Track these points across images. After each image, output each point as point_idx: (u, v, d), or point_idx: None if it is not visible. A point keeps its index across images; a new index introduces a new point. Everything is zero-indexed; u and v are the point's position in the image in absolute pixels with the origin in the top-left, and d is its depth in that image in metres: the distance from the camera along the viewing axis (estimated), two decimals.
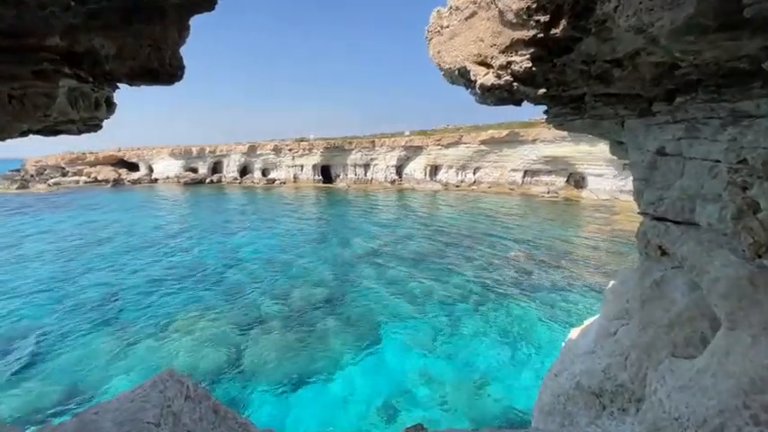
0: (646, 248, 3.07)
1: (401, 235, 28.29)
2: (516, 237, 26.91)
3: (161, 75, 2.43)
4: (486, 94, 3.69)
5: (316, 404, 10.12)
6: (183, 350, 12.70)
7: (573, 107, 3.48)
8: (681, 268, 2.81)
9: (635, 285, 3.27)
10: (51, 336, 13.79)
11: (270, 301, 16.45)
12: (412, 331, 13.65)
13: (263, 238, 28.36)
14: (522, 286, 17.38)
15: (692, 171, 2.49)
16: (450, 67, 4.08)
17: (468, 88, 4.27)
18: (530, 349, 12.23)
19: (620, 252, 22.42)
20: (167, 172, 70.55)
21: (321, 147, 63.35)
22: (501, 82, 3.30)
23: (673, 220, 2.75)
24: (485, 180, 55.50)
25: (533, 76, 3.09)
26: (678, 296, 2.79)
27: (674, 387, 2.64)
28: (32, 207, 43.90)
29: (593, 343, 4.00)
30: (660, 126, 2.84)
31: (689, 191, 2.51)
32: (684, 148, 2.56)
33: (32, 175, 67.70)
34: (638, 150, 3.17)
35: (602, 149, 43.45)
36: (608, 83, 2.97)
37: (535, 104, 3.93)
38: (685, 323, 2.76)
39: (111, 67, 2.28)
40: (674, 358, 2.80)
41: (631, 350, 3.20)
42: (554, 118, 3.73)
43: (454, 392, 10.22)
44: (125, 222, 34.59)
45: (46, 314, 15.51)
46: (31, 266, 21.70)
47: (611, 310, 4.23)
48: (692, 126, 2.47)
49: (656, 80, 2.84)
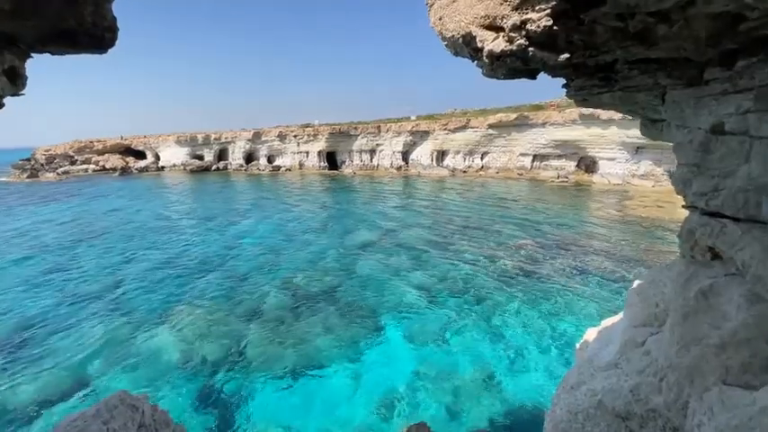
0: (692, 250, 2.53)
1: (407, 222, 27.77)
2: (525, 223, 26.22)
3: (81, 38, 1.91)
4: (495, 63, 3.08)
5: (317, 398, 9.85)
6: (184, 340, 12.52)
7: (601, 78, 2.87)
8: (738, 276, 2.27)
9: (675, 294, 2.73)
10: (52, 325, 13.71)
11: (272, 290, 16.19)
12: (417, 323, 13.27)
13: (266, 225, 28.08)
14: (531, 276, 16.83)
15: (762, 154, 1.93)
16: (453, 35, 3.46)
17: (474, 59, 3.66)
18: (540, 345, 11.77)
19: (633, 240, 21.66)
20: (174, 159, 70.54)
21: (326, 133, 62.53)
22: (513, 47, 2.70)
23: (731, 217, 2.19)
24: (493, 165, 54.38)
25: (554, 38, 2.49)
26: (733, 310, 2.25)
27: (728, 425, 2.12)
28: (41, 196, 44.19)
29: (616, 354, 3.49)
30: (716, 98, 2.25)
31: (757, 180, 1.95)
32: (752, 124, 1.98)
33: (42, 164, 68.13)
34: (683, 129, 2.58)
35: (615, 132, 42.10)
36: (649, 44, 2.37)
37: (553, 76, 3.32)
38: (742, 344, 2.22)
39: (10, 27, 1.77)
40: (725, 387, 2.27)
41: (668, 371, 2.68)
42: (576, 92, 3.13)
43: (460, 389, 9.85)
44: (130, 210, 34.59)
45: (48, 303, 15.45)
46: (39, 255, 21.72)
47: (638, 316, 3.69)
48: (765, 95, 1.89)
49: (714, 39, 2.23)
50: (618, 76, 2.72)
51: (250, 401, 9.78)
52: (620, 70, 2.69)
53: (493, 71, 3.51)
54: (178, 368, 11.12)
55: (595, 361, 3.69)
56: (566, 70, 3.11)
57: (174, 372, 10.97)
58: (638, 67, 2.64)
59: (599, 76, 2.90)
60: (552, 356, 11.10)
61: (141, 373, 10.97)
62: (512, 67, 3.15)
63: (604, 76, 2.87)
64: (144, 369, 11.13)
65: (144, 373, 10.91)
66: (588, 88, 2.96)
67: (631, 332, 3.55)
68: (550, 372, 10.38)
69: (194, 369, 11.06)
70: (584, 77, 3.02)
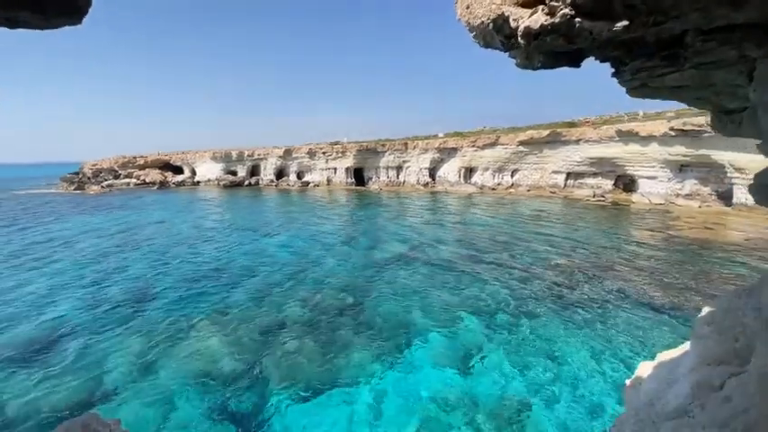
0: None
1: (433, 239, 27.07)
2: (560, 242, 24.86)
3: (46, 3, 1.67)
4: (532, 45, 2.64)
5: (336, 420, 9.29)
6: (206, 352, 12.39)
7: (664, 56, 2.36)
8: None
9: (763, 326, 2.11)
10: (79, 329, 14.02)
11: (297, 303, 15.94)
12: (442, 345, 12.52)
13: (294, 239, 28.22)
14: (567, 299, 15.67)
15: None
16: (482, 22, 3.06)
17: (506, 48, 3.22)
18: (577, 376, 10.70)
19: (682, 263, 19.92)
20: (209, 175, 73.53)
21: (354, 150, 63.35)
22: (556, 20, 2.25)
23: None
24: (523, 183, 52.83)
25: (608, 1, 2.04)
26: None
27: None
28: (89, 206, 46.97)
29: (686, 398, 2.82)
30: None
31: None
32: None
33: (89, 177, 72.93)
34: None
35: (656, 149, 39.87)
36: (738, 5, 1.86)
37: (602, 60, 2.81)
38: None
39: None
40: None
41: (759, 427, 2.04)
42: (633, 77, 2.61)
43: (487, 420, 8.99)
44: (165, 222, 35.96)
45: (79, 306, 15.90)
46: (79, 261, 22.71)
47: (712, 351, 3.01)
48: None
49: None
50: (689, 52, 2.20)
51: (267, 418, 9.39)
52: (693, 43, 2.18)
53: (528, 58, 3.05)
54: (197, 380, 10.93)
55: (657, 405, 3.02)
56: (618, 51, 2.61)
57: (193, 383, 10.78)
58: (715, 37, 2.12)
59: (662, 55, 2.38)
60: (592, 390, 10.02)
61: (160, 382, 10.86)
62: (551, 48, 2.69)
63: (669, 54, 2.36)
64: (163, 379, 11.02)
65: (162, 383, 10.79)
66: (648, 70, 2.44)
67: (704, 371, 2.88)
68: (591, 409, 9.33)
69: (214, 382, 10.83)
70: (642, 58, 2.51)
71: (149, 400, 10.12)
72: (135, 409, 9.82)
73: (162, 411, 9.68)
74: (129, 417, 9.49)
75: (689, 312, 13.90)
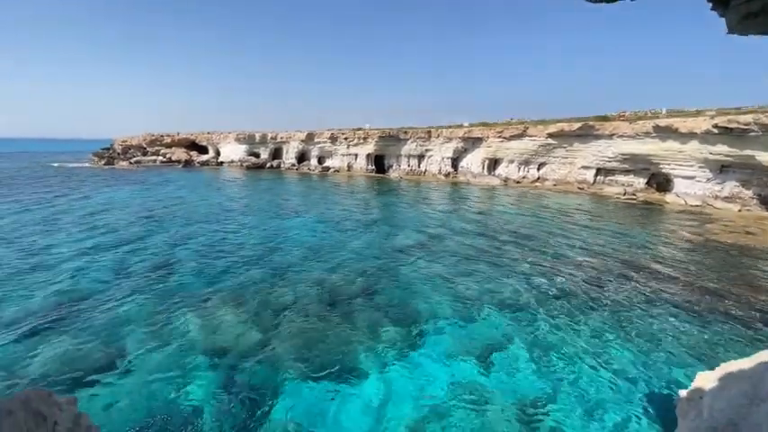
0: None
1: (453, 230, 26.37)
2: (588, 239, 23.73)
3: None
4: None
5: (343, 404, 9.03)
6: (218, 328, 12.36)
7: None
8: None
9: None
10: (96, 297, 14.28)
11: (311, 286, 15.74)
12: (457, 337, 12.01)
13: (312, 222, 28.10)
14: (594, 299, 14.82)
15: None
16: None
17: None
18: (598, 380, 10.01)
19: (720, 268, 18.60)
20: (232, 156, 74.49)
21: (376, 136, 62.54)
22: None
23: None
24: (550, 177, 50.97)
25: None
26: None
27: None
28: (117, 179, 48.42)
29: None
30: None
31: None
32: None
33: (119, 153, 75.22)
34: None
35: (696, 147, 37.45)
36: None
37: None
38: None
39: None
40: None
41: None
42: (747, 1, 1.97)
43: (499, 420, 8.49)
44: (188, 199, 36.60)
45: (98, 276, 16.22)
46: (104, 232, 23.30)
47: None
48: None
49: None
50: None
51: (273, 396, 9.22)
52: None
53: None
54: (208, 355, 10.87)
55: (744, 427, 2.44)
56: None
57: (203, 358, 10.71)
58: None
59: None
60: (617, 395, 9.35)
61: (171, 355, 10.84)
62: None
63: None
64: (174, 352, 11.01)
65: (173, 357, 10.77)
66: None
67: None
68: (615, 422, 8.67)
69: (224, 358, 10.74)
70: None
71: (160, 372, 10.09)
72: (144, 378, 9.81)
73: (173, 385, 9.63)
74: (137, 386, 9.48)
75: (734, 320, 12.89)
